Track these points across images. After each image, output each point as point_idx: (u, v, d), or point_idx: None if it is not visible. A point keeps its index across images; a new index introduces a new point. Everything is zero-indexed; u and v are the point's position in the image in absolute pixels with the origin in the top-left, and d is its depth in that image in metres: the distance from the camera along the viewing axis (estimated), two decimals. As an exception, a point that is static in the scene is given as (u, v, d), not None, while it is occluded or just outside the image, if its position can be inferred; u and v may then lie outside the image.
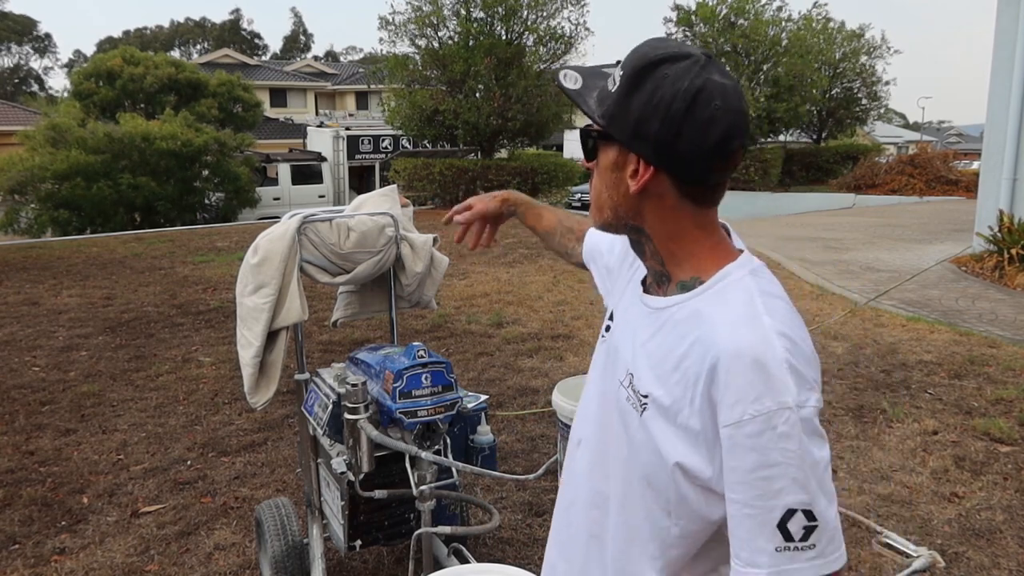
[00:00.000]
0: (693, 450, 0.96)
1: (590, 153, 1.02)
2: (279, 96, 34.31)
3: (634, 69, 0.93)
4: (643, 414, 0.99)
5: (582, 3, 14.96)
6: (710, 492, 0.98)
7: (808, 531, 0.92)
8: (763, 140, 20.99)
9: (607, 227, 1.06)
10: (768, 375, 0.91)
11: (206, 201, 15.67)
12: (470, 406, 2.07)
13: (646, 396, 0.99)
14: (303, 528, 2.39)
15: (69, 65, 54.09)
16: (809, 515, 0.92)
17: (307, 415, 2.05)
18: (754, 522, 0.92)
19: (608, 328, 1.15)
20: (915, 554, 1.95)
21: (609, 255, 1.28)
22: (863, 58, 23.28)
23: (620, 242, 1.22)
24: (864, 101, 24.06)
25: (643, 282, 1.09)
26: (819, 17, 21.55)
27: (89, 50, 56.49)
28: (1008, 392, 3.94)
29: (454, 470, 1.98)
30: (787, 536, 0.91)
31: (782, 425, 0.90)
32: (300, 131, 25.14)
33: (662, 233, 1.00)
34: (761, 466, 0.91)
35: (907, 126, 53.33)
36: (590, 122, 1.00)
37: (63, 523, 2.82)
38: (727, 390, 0.92)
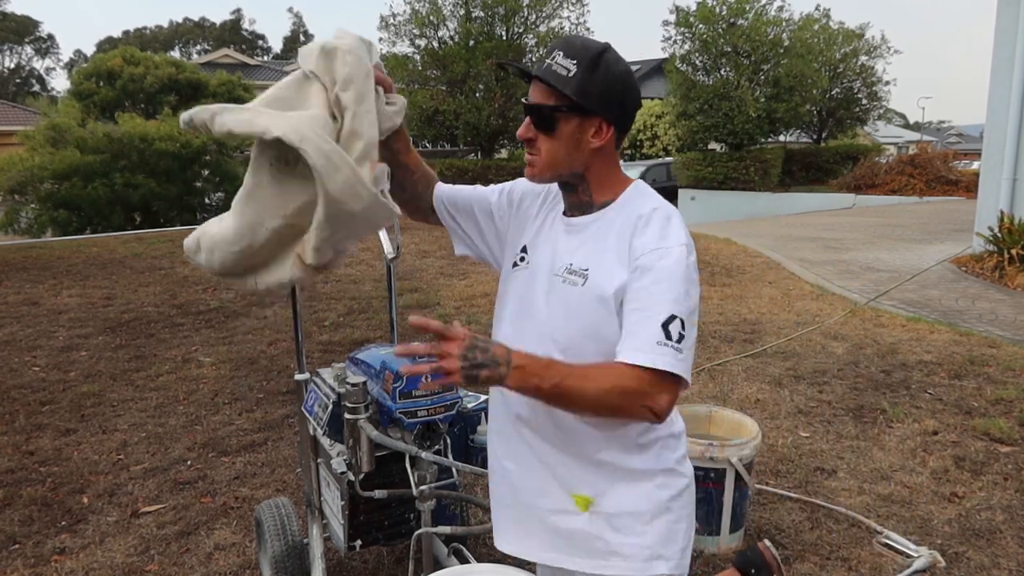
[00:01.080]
0: (619, 287, 1.29)
1: (549, 125, 1.31)
2: (279, 96, 34.25)
3: (590, 57, 1.27)
4: (585, 283, 1.33)
5: (582, 3, 14.95)
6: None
7: (680, 337, 1.22)
8: (763, 140, 20.97)
9: (549, 180, 1.39)
10: (673, 226, 1.30)
11: (206, 201, 15.66)
12: (470, 406, 2.07)
13: (586, 269, 1.33)
14: (303, 528, 2.39)
15: (70, 65, 54.10)
16: (683, 325, 1.23)
17: (307, 415, 2.05)
18: (644, 320, 1.23)
19: (523, 259, 1.46)
20: (915, 554, 1.95)
21: (505, 207, 1.55)
22: (863, 58, 23.26)
23: (523, 193, 1.54)
24: (864, 101, 24.04)
25: (563, 213, 1.43)
26: (820, 17, 21.55)
27: (89, 50, 56.46)
28: (1008, 392, 3.94)
29: (454, 470, 1.98)
30: (667, 335, 1.22)
31: (676, 257, 1.26)
32: (300, 131, 25.10)
33: (598, 174, 1.37)
34: (656, 281, 1.25)
35: (907, 126, 53.33)
36: (534, 102, 1.31)
37: (63, 523, 2.82)
38: (645, 230, 1.31)
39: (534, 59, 14.63)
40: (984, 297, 6.35)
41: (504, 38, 14.29)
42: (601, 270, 1.32)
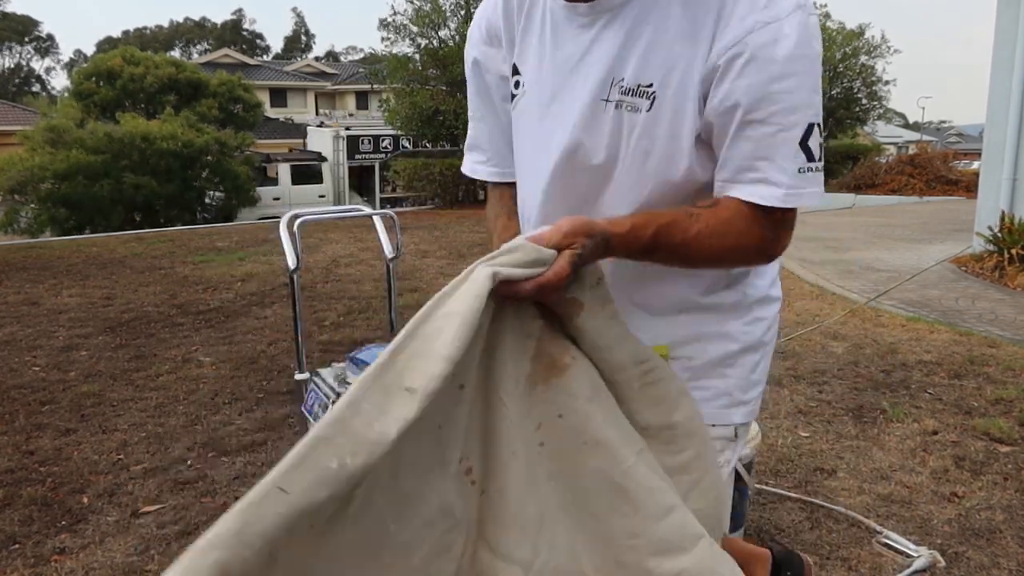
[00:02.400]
0: (708, 104, 0.93)
1: None
2: (279, 96, 34.32)
3: None
4: (652, 106, 0.95)
5: (582, 3, 14.98)
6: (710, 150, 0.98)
7: (821, 150, 0.91)
8: (763, 140, 20.95)
9: None
10: None
11: (207, 200, 15.66)
12: (470, 406, 2.07)
13: (649, 85, 0.96)
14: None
15: (70, 65, 54.11)
16: (820, 130, 0.90)
17: (307, 415, 2.05)
18: (770, 141, 0.90)
19: (517, 84, 1.10)
20: (915, 554, 1.95)
21: (494, 71, 1.21)
22: (863, 58, 23.28)
23: (483, 32, 1.20)
24: (864, 101, 24.06)
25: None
26: (820, 18, 21.53)
27: (89, 50, 56.47)
28: (1008, 392, 3.94)
29: (454, 470, 1.98)
30: (808, 155, 0.90)
31: (796, 31, 0.87)
32: (300, 131, 25.15)
33: None
34: (776, 77, 0.88)
35: (907, 126, 53.32)
36: None
37: (63, 523, 2.82)
38: (735, 8, 0.89)
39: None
40: (984, 297, 6.35)
41: (504, 38, 14.34)
42: (673, 81, 0.94)
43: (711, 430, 1.10)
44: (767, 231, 0.96)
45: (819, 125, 0.91)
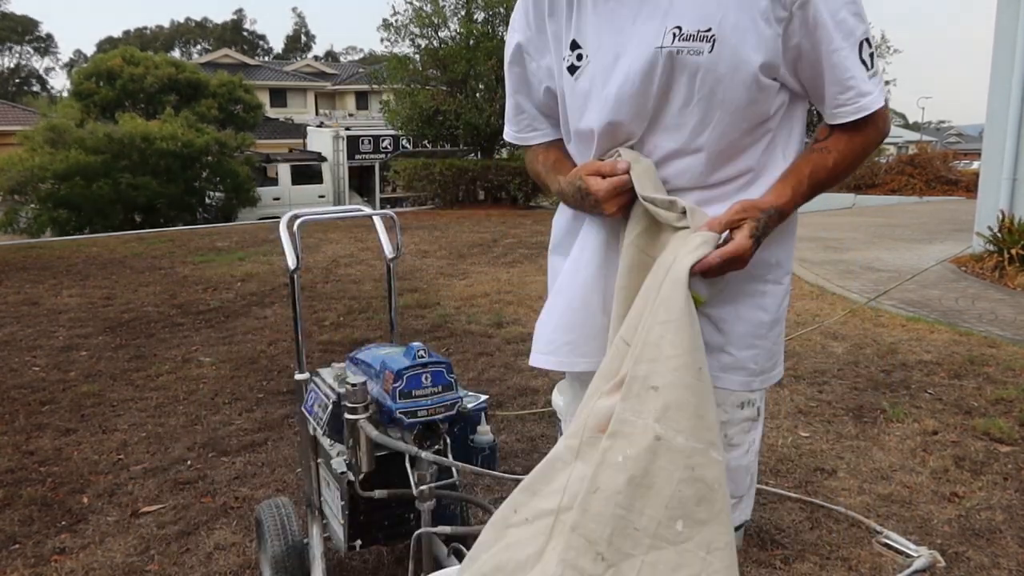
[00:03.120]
0: (771, 42, 1.07)
1: None
2: (279, 96, 34.32)
3: None
4: (713, 47, 1.06)
5: (582, 3, 14.96)
6: (774, 82, 1.12)
7: (872, 57, 1.10)
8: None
9: None
10: None
11: (207, 200, 15.67)
12: (470, 406, 2.07)
13: (707, 29, 1.06)
14: (303, 528, 2.39)
15: (70, 65, 54.11)
16: (868, 42, 1.10)
17: (307, 415, 2.05)
18: (848, 61, 1.08)
19: (580, 57, 1.18)
20: (915, 554, 1.96)
21: (528, 34, 1.29)
22: (863, 58, 23.24)
23: (529, 18, 1.27)
24: (864, 101, 24.01)
25: None
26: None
27: (89, 50, 56.49)
28: (1008, 392, 3.94)
29: (454, 470, 1.98)
30: (867, 65, 1.09)
31: None
32: (300, 131, 25.14)
33: None
34: (838, 7, 1.06)
35: (907, 126, 53.30)
36: None
37: (63, 523, 2.82)
38: None
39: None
40: (984, 297, 6.35)
41: (505, 38, 14.31)
42: (730, 23, 1.06)
43: (737, 411, 1.23)
44: (874, 128, 1.14)
45: (868, 40, 1.09)
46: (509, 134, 1.46)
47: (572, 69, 1.20)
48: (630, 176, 1.13)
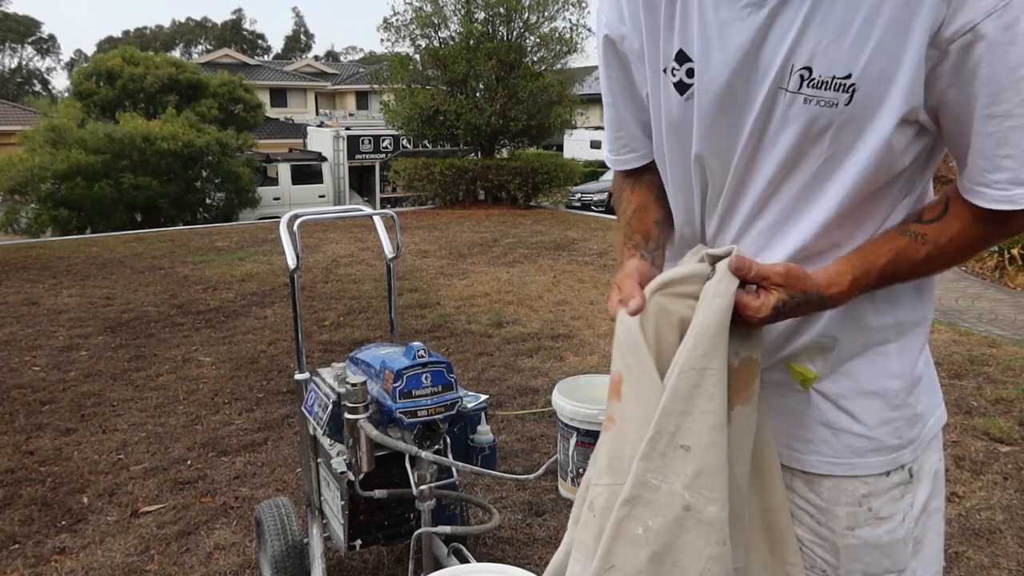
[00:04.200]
0: (917, 87, 0.83)
1: None
2: (279, 96, 34.33)
3: None
4: (851, 100, 0.84)
5: (582, 4, 14.95)
6: (917, 127, 0.89)
7: None
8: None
9: None
10: None
11: (207, 201, 15.67)
12: (470, 406, 2.07)
13: (846, 76, 0.83)
14: (303, 528, 2.39)
15: (70, 65, 54.14)
16: None
17: (307, 415, 2.05)
18: (1015, 135, 0.81)
19: (690, 72, 0.94)
20: (915, 554, 1.94)
21: (630, 46, 1.05)
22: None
23: (622, 10, 1.03)
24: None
25: None
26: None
27: (90, 50, 56.50)
28: (1008, 392, 3.94)
29: (454, 470, 1.98)
30: None
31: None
32: (300, 131, 25.15)
33: None
34: (1018, 65, 0.79)
35: (907, 126, 53.22)
36: None
37: (63, 523, 2.82)
38: None
39: (536, 60, 14.65)
40: (984, 296, 6.35)
41: (505, 38, 14.28)
42: (876, 72, 0.83)
43: (881, 480, 1.00)
44: (1005, 226, 0.88)
45: None
46: (608, 157, 1.20)
47: (681, 87, 0.96)
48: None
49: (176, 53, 52.74)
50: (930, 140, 0.93)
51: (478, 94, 14.19)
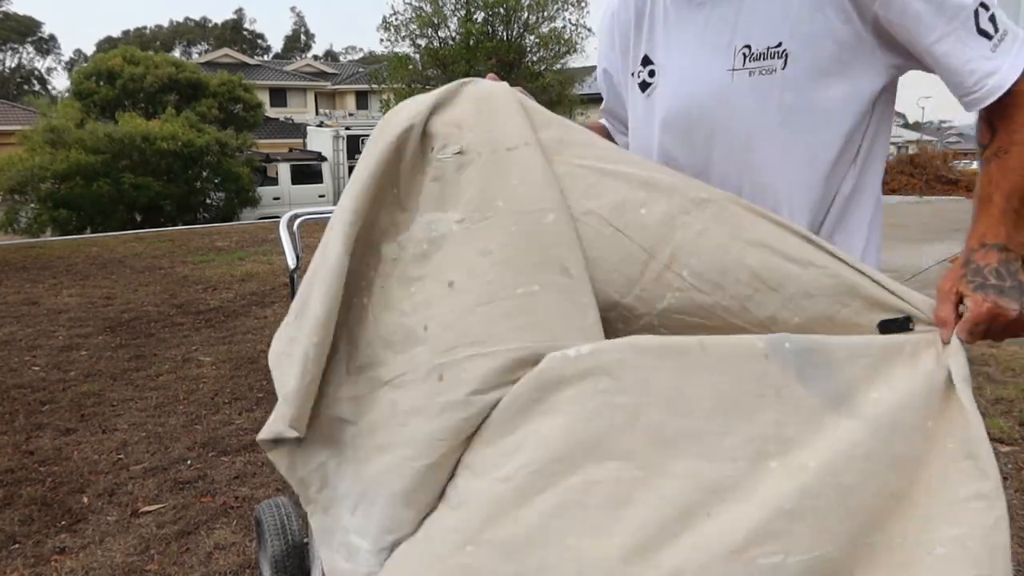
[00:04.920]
0: (853, 43, 0.96)
1: None
2: (279, 96, 34.30)
3: None
4: (787, 63, 0.98)
5: (582, 4, 14.96)
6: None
7: (993, 20, 0.93)
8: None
9: None
10: None
11: (208, 201, 15.66)
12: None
13: (778, 45, 0.98)
14: (303, 528, 2.39)
15: (70, 65, 54.13)
16: (984, 7, 0.93)
17: (307, 415, 2.05)
18: (961, 43, 0.93)
19: (652, 73, 1.11)
20: (915, 554, 1.94)
21: (611, 54, 1.24)
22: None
23: (612, 20, 1.21)
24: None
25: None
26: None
27: (90, 49, 56.49)
28: (1008, 392, 3.94)
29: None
30: (987, 34, 0.93)
31: None
32: (300, 131, 25.13)
33: None
34: None
35: (907, 126, 53.33)
36: None
37: (63, 523, 2.82)
38: None
39: (535, 60, 14.66)
40: (984, 297, 6.34)
41: (505, 38, 14.30)
42: (800, 34, 0.97)
43: None
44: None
45: (984, 3, 0.93)
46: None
47: (644, 86, 1.13)
48: None
49: (176, 53, 52.72)
50: (868, 103, 1.02)
51: (478, 94, 14.20)
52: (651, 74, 1.11)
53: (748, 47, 0.99)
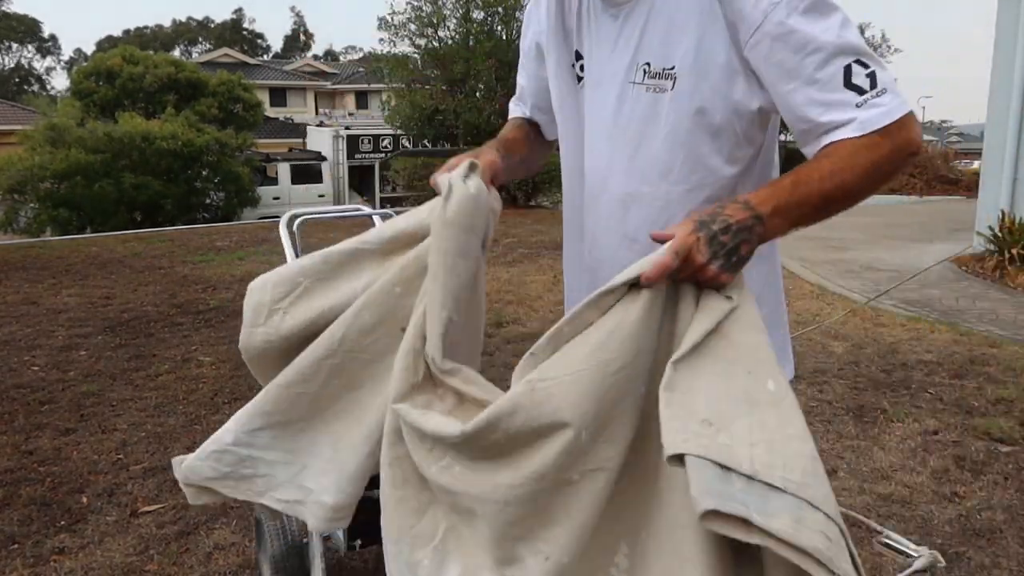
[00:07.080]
0: (733, 82, 1.04)
1: None
2: (279, 95, 34.28)
3: None
4: (675, 84, 1.06)
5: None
6: (751, 112, 1.08)
7: (872, 78, 0.98)
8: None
9: None
10: None
11: (207, 200, 15.66)
12: (470, 406, 2.06)
13: (671, 67, 1.06)
14: (303, 528, 2.39)
15: (70, 64, 54.10)
16: (862, 64, 0.98)
17: (307, 415, 2.05)
18: (824, 94, 0.98)
19: (580, 78, 1.20)
20: (916, 554, 1.94)
21: (540, 60, 1.31)
22: (863, 58, 23.26)
23: (538, 29, 1.28)
24: (864, 101, 24.02)
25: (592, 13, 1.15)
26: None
27: (90, 49, 56.40)
28: (1008, 392, 3.94)
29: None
30: (859, 90, 0.97)
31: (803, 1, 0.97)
32: (300, 131, 25.13)
33: None
34: (804, 43, 0.97)
35: (907, 126, 53.10)
36: None
37: (62, 523, 2.82)
38: None
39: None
40: (985, 296, 6.34)
41: (504, 38, 14.30)
42: (689, 61, 1.05)
43: None
44: (888, 141, 0.98)
45: (859, 60, 0.98)
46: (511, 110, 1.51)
47: (578, 79, 1.21)
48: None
49: (176, 53, 52.66)
50: (754, 122, 1.10)
51: (477, 94, 14.19)
52: (581, 68, 1.19)
53: (648, 64, 1.08)
